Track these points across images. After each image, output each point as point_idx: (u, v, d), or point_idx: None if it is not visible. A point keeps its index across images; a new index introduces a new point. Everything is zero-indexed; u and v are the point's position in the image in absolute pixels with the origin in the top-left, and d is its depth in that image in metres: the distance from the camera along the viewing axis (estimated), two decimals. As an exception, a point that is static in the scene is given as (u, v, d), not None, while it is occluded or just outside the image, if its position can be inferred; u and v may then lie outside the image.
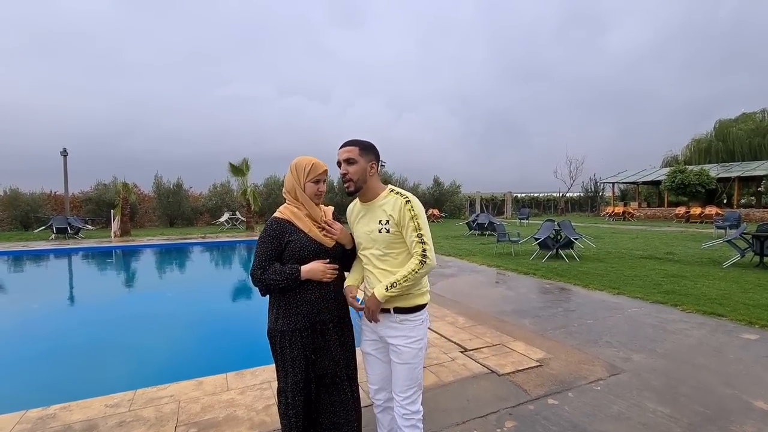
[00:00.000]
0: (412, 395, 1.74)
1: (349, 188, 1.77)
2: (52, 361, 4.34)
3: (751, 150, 27.97)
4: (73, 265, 11.21)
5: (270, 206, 22.46)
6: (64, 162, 18.60)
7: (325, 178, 1.91)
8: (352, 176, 1.73)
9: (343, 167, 1.75)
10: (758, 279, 6.50)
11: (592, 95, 79.08)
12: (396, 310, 1.73)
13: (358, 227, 1.85)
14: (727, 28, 69.56)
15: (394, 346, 1.73)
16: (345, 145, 1.78)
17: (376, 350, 1.85)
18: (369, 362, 1.89)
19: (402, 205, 1.70)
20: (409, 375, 1.73)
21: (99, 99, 62.44)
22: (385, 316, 1.75)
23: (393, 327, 1.74)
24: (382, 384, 1.86)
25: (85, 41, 75.01)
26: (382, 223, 1.73)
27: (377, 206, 1.77)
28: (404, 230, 1.70)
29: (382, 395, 1.88)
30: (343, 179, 1.76)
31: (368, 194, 1.79)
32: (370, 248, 1.78)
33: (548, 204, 34.55)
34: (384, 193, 1.79)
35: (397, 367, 1.74)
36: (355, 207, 1.90)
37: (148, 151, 58.59)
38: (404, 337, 1.72)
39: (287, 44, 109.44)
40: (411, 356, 1.72)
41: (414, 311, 1.74)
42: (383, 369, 1.85)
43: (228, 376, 3.14)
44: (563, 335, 4.08)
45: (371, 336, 1.85)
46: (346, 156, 1.74)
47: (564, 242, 9.18)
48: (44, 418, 2.55)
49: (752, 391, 2.86)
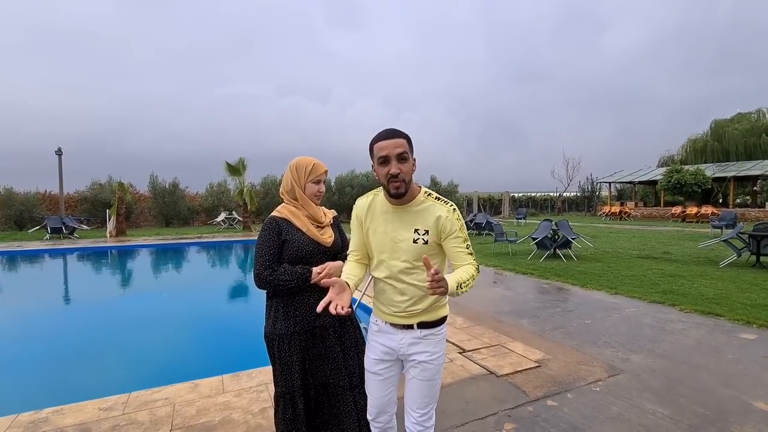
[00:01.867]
0: (429, 411, 1.61)
1: (399, 189, 1.45)
2: (46, 363, 4.28)
3: (746, 150, 28.15)
4: (68, 265, 11.11)
5: (267, 206, 22.37)
6: (59, 161, 18.47)
7: (325, 179, 1.88)
8: (405, 176, 1.44)
9: (395, 166, 1.43)
10: (755, 278, 6.52)
11: (589, 95, 79.39)
12: (420, 325, 1.57)
13: (378, 230, 1.57)
14: (724, 29, 70.11)
15: (417, 362, 1.58)
16: (392, 136, 1.46)
17: (384, 369, 1.64)
18: (372, 383, 1.68)
19: (450, 213, 1.51)
20: (430, 391, 1.60)
21: (96, 98, 62.22)
22: (407, 331, 1.58)
23: (416, 343, 1.58)
24: (384, 407, 1.68)
25: (84, 40, 74.78)
26: (419, 233, 1.51)
27: (413, 211, 1.53)
28: (448, 240, 1.52)
29: (383, 419, 1.70)
30: (392, 179, 1.44)
31: (407, 196, 1.51)
32: (392, 258, 1.55)
33: (545, 204, 34.61)
34: (420, 196, 1.54)
35: (418, 384, 1.58)
36: (375, 205, 1.59)
37: (146, 150, 58.43)
38: (429, 353, 1.57)
39: (286, 44, 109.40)
40: (434, 372, 1.59)
41: (438, 324, 1.61)
42: (388, 391, 1.67)
43: (224, 378, 3.10)
44: (561, 335, 4.07)
45: (380, 355, 1.64)
46: (399, 151, 1.43)
47: (561, 242, 9.18)
48: (36, 421, 2.51)
49: (751, 391, 2.85)
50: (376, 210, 1.59)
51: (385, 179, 1.46)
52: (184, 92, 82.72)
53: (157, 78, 78.77)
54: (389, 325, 1.62)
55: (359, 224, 1.64)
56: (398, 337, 1.60)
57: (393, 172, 1.43)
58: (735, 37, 64.63)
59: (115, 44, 73.95)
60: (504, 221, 21.17)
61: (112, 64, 70.66)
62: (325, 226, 1.87)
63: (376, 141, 1.47)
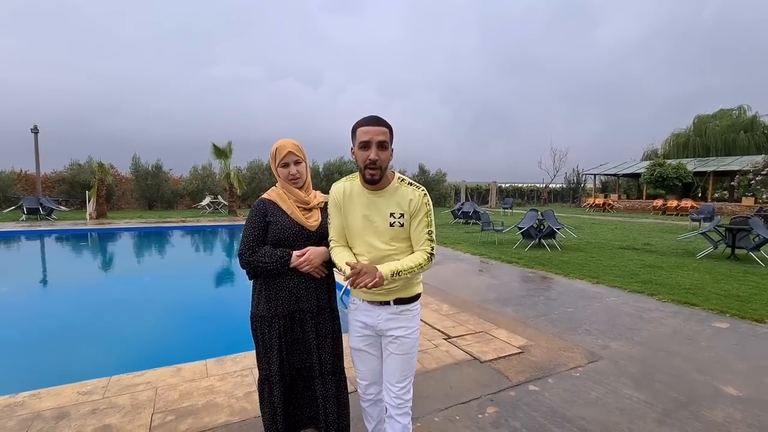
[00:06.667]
0: (407, 384, 1.69)
1: (375, 176, 1.52)
2: (22, 347, 4.17)
3: (726, 145, 28.84)
4: (45, 247, 10.78)
5: (253, 191, 22.03)
6: (35, 139, 17.74)
7: (297, 159, 1.77)
8: (382, 164, 1.51)
9: (374, 152, 1.48)
10: (729, 270, 6.75)
11: (579, 87, 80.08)
12: (396, 301, 1.65)
13: (355, 213, 1.63)
14: (710, 27, 71.11)
15: (394, 337, 1.65)
16: (375, 123, 1.52)
17: (368, 345, 1.74)
18: (359, 358, 1.78)
19: (420, 197, 1.58)
20: (407, 365, 1.68)
21: (77, 74, 59.63)
22: (384, 308, 1.66)
23: (392, 318, 1.66)
24: (373, 379, 1.79)
25: (68, 14, 71.13)
26: (395, 216, 1.58)
27: (388, 196, 1.59)
28: (413, 223, 1.58)
29: (373, 389, 1.81)
30: (370, 165, 1.50)
31: (382, 181, 1.58)
32: (370, 240, 1.61)
33: (531, 194, 35.02)
34: (394, 182, 1.61)
35: (396, 358, 1.66)
36: (351, 190, 1.65)
37: (129, 131, 56.65)
38: (404, 327, 1.66)
39: (279, 26, 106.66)
40: (410, 346, 1.67)
41: (413, 301, 1.68)
42: (375, 364, 1.77)
43: (208, 363, 3.07)
44: (544, 323, 4.15)
45: (362, 331, 1.74)
46: (381, 138, 1.49)
47: (546, 232, 9.32)
48: (12, 405, 2.44)
49: (722, 377, 2.96)
50: (353, 194, 1.65)
51: (362, 164, 1.53)
52: (172, 72, 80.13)
53: (143, 56, 76.01)
54: (366, 303, 1.69)
55: (338, 209, 1.68)
56: (375, 313, 1.67)
57: (372, 157, 1.49)
58: (722, 36, 65.74)
59: (101, 20, 70.75)
60: (491, 210, 21.38)
61: (96, 41, 67.75)
62: (312, 208, 1.83)
63: (360, 125, 1.53)
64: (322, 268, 1.76)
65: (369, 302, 1.68)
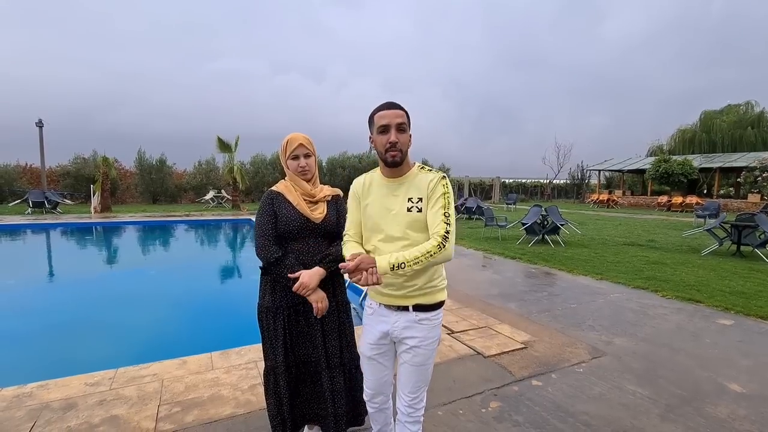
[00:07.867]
0: (420, 394, 1.61)
1: (396, 158, 1.50)
2: (31, 339, 4.22)
3: (732, 142, 28.57)
4: (51, 240, 10.87)
5: (256, 185, 22.08)
6: (40, 133, 17.84)
7: (307, 152, 1.80)
8: (402, 146, 1.50)
9: (394, 135, 1.48)
10: (735, 267, 6.72)
11: (584, 83, 79.07)
12: (415, 307, 1.54)
13: (374, 203, 1.58)
14: (719, 22, 69.91)
15: (409, 347, 1.56)
16: (391, 107, 1.51)
17: (379, 354, 1.65)
18: (368, 366, 1.70)
19: (438, 179, 1.52)
20: (421, 376, 1.59)
21: (82, 69, 59.73)
22: (401, 313, 1.56)
23: (411, 327, 1.55)
24: (380, 389, 1.71)
25: (71, 8, 71.10)
26: (413, 201, 1.52)
27: (408, 182, 1.55)
28: (429, 205, 1.49)
29: (380, 399, 1.73)
30: (391, 148, 1.49)
31: (402, 168, 1.55)
32: (387, 229, 1.54)
33: (535, 190, 34.89)
34: (414, 170, 1.58)
35: (410, 369, 1.57)
36: (372, 181, 1.63)
37: (134, 125, 56.72)
38: (422, 338, 1.55)
39: (283, 20, 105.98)
40: (426, 357, 1.57)
41: (435, 308, 1.57)
42: (383, 375, 1.69)
43: (213, 355, 3.10)
44: (548, 318, 4.15)
45: (373, 339, 1.63)
46: (399, 121, 1.49)
47: (550, 228, 9.30)
48: (20, 396, 2.48)
49: (726, 374, 2.96)
50: (373, 185, 1.63)
51: (383, 147, 1.51)
52: (176, 66, 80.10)
53: (148, 50, 76.05)
54: (383, 308, 1.60)
55: (357, 202, 1.66)
56: (392, 320, 1.58)
57: (392, 140, 1.48)
58: (730, 31, 64.62)
59: (106, 14, 70.64)
60: (494, 206, 21.32)
61: (101, 35, 67.67)
62: (318, 201, 1.85)
63: (378, 111, 1.53)
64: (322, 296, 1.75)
65: (386, 306, 1.58)
